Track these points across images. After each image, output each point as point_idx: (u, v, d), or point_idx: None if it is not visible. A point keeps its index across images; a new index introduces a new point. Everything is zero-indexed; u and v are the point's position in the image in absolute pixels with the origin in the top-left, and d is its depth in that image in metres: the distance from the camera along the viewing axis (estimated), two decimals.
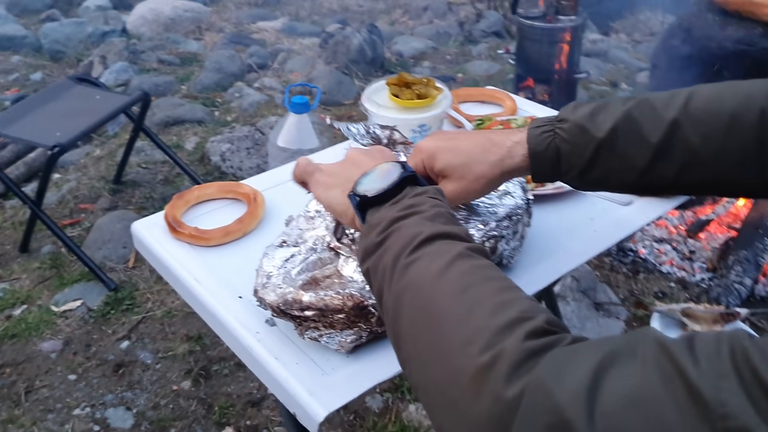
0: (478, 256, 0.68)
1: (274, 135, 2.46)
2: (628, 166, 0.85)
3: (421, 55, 4.93)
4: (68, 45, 4.98)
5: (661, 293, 2.52)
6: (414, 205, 0.74)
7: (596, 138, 0.85)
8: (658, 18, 5.30)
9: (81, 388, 2.21)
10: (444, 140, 0.94)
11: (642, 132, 0.84)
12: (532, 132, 0.89)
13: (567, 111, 0.89)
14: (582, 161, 0.86)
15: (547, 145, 0.88)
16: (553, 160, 0.88)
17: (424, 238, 0.69)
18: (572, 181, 0.90)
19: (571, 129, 0.86)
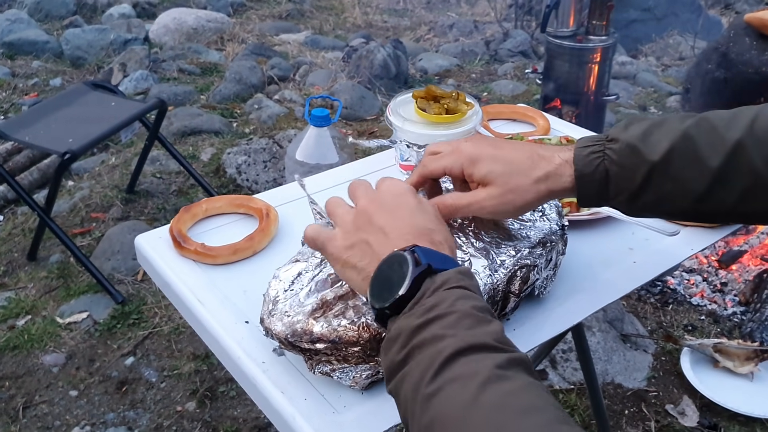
0: (512, 374, 0.59)
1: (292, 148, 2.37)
2: (684, 191, 0.78)
3: (445, 73, 4.86)
4: (89, 52, 4.96)
5: (690, 326, 2.40)
6: (435, 305, 0.65)
7: (649, 160, 0.77)
8: (688, 43, 5.20)
9: (82, 405, 2.13)
10: (488, 146, 0.86)
11: (700, 154, 0.76)
12: (579, 152, 0.82)
13: (618, 129, 0.81)
14: (633, 185, 0.79)
15: (596, 167, 0.80)
16: (601, 183, 0.81)
17: (447, 358, 0.60)
18: (620, 205, 0.83)
19: (622, 150, 0.79)
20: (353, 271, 0.76)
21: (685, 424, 2.03)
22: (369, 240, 0.76)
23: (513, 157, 0.84)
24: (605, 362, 2.19)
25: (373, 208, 0.78)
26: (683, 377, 2.16)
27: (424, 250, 0.71)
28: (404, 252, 0.71)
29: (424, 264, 0.69)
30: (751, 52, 2.94)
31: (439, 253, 0.73)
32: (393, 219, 0.77)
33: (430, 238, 0.75)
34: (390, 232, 0.76)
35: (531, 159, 0.83)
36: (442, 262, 0.70)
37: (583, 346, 1.74)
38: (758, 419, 2.03)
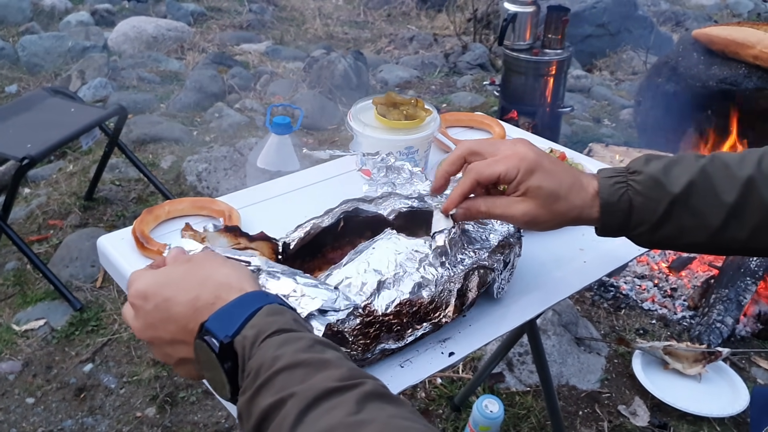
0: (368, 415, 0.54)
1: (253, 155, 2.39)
2: (701, 225, 0.82)
3: (406, 84, 4.92)
4: (47, 59, 4.90)
5: (642, 330, 2.48)
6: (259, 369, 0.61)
7: (671, 193, 0.81)
8: (641, 58, 5.35)
9: (39, 412, 2.10)
10: (546, 159, 0.85)
11: (717, 189, 0.81)
12: (604, 182, 0.84)
13: (639, 163, 0.85)
14: (654, 216, 0.82)
15: (620, 196, 0.83)
16: (624, 213, 0.84)
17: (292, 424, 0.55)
18: (641, 236, 0.85)
19: (646, 181, 0.83)
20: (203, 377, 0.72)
21: (636, 423, 2.10)
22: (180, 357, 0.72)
23: (563, 178, 0.84)
24: (560, 365, 2.25)
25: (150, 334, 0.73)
26: (635, 379, 2.23)
27: (213, 320, 0.66)
28: (196, 341, 0.67)
29: (222, 337, 0.64)
30: (699, 66, 3.06)
31: (227, 306, 0.67)
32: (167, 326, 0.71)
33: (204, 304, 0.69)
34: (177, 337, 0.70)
35: (575, 185, 0.85)
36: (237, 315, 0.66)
37: (539, 349, 1.79)
38: (705, 418, 2.11)
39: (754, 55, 2.83)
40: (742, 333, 2.46)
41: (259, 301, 0.67)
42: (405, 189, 1.09)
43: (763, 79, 2.87)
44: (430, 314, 0.94)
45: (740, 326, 2.47)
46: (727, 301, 2.46)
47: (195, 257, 0.76)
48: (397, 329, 0.92)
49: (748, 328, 2.48)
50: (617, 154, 2.97)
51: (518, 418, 2.09)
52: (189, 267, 0.74)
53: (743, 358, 2.38)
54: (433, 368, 0.94)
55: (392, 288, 0.91)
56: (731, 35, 2.92)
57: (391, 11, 6.97)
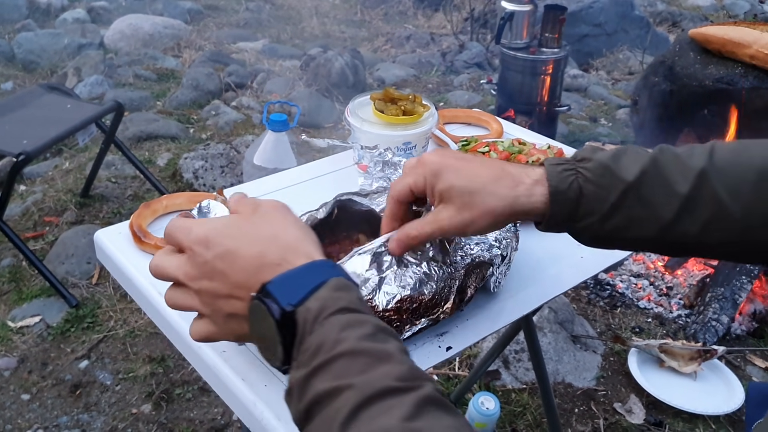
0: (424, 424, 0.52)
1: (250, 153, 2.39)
2: (653, 217, 0.77)
3: (402, 83, 4.92)
4: (42, 56, 4.89)
5: (638, 328, 2.48)
6: (319, 348, 0.58)
7: (624, 180, 0.76)
8: (637, 58, 5.36)
9: (34, 408, 2.10)
10: (453, 158, 0.80)
11: (669, 179, 0.76)
12: (551, 169, 0.78)
13: (586, 151, 0.80)
14: (605, 205, 0.77)
15: (570, 184, 0.77)
16: (573, 202, 0.78)
17: (345, 419, 0.53)
18: (587, 228, 0.79)
19: (596, 169, 0.77)
20: (249, 337, 0.69)
21: (632, 421, 2.10)
22: (231, 311, 0.67)
23: (479, 173, 0.78)
24: (556, 362, 2.25)
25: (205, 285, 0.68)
26: (630, 377, 2.23)
27: (277, 284, 0.63)
28: (254, 301, 0.63)
29: (284, 305, 0.61)
30: (695, 66, 3.06)
31: (294, 272, 0.64)
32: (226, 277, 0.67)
33: (270, 263, 0.65)
34: (234, 292, 0.66)
35: (498, 176, 0.78)
36: (303, 283, 0.63)
37: (535, 347, 1.79)
38: (701, 416, 2.11)
39: (751, 55, 2.84)
40: (737, 331, 2.47)
41: (327, 273, 0.64)
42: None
43: (759, 78, 2.87)
44: (430, 310, 0.94)
45: (735, 325, 2.48)
46: (723, 300, 2.46)
47: (263, 208, 0.72)
48: (396, 325, 0.92)
49: (744, 327, 2.49)
50: None
51: (514, 416, 2.09)
52: (256, 220, 0.70)
53: (738, 357, 2.39)
54: (430, 362, 0.94)
55: (393, 284, 0.91)
56: (727, 34, 2.92)
57: (388, 10, 6.97)
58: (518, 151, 1.40)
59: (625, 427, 2.08)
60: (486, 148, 1.42)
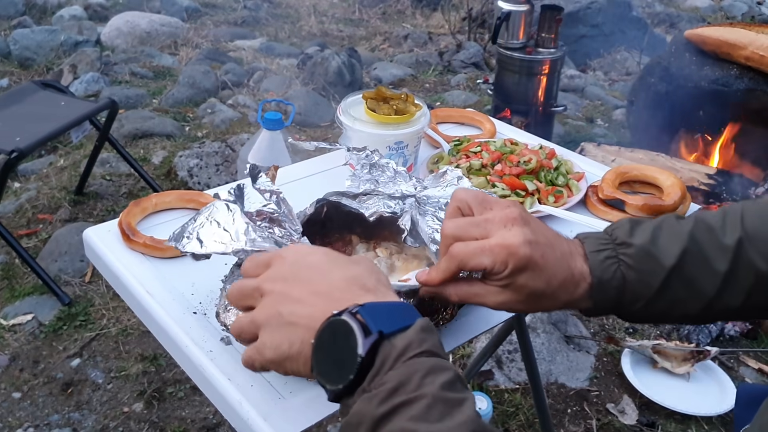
0: None
1: (244, 151, 2.38)
2: (695, 296, 0.77)
3: (399, 82, 4.91)
4: (39, 53, 4.87)
5: (631, 329, 2.48)
6: (400, 386, 0.57)
7: (666, 265, 0.76)
8: (634, 59, 5.36)
9: (25, 407, 2.09)
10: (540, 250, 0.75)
11: (708, 257, 0.76)
12: (593, 257, 0.77)
13: (623, 232, 0.78)
14: (650, 291, 0.77)
15: (613, 272, 0.76)
16: (618, 290, 0.77)
17: None
18: (633, 314, 0.79)
19: (637, 255, 0.76)
20: (289, 362, 0.66)
21: (624, 422, 2.10)
22: (290, 320, 0.65)
23: (555, 274, 0.75)
24: (549, 363, 2.25)
25: (274, 287, 0.68)
26: (623, 377, 2.23)
27: (370, 309, 0.62)
28: (344, 316, 0.61)
29: (374, 333, 0.59)
30: (691, 67, 3.07)
31: (388, 305, 0.64)
32: (308, 284, 0.67)
33: (362, 285, 0.66)
34: (311, 299, 0.66)
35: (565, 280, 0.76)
36: (395, 318, 0.62)
37: (527, 347, 1.79)
38: (693, 417, 2.11)
39: (746, 56, 2.84)
40: (730, 332, 2.47)
41: (415, 314, 0.64)
42: (388, 187, 1.09)
43: (754, 80, 2.88)
44: (430, 316, 0.94)
45: (729, 326, 2.47)
46: None
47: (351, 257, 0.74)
48: None
49: (737, 328, 2.48)
50: (609, 153, 2.97)
51: (507, 416, 2.09)
52: (353, 257, 0.74)
53: (732, 358, 2.39)
54: None
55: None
56: (723, 36, 2.93)
57: (386, 9, 6.96)
58: (510, 151, 1.40)
59: (618, 428, 2.08)
60: (478, 148, 1.42)
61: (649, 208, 1.26)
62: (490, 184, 1.30)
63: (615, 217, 1.27)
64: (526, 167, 1.32)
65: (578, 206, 1.31)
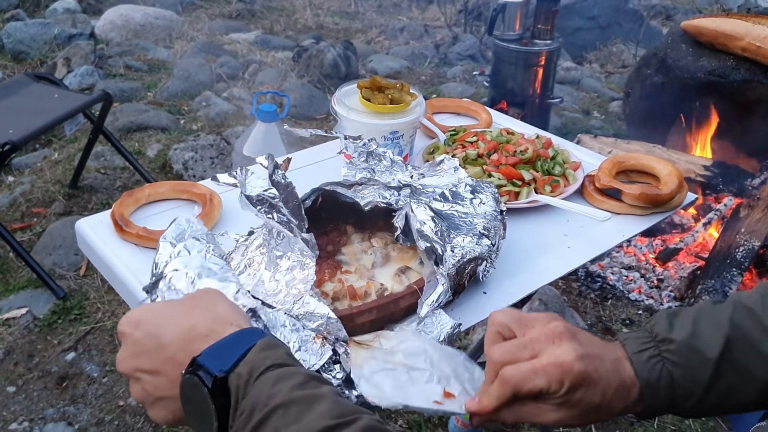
0: None
1: (239, 143, 2.36)
2: (749, 382, 0.76)
3: (395, 75, 4.90)
4: (32, 46, 4.84)
5: (628, 320, 2.47)
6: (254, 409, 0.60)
7: (711, 358, 0.75)
8: (630, 51, 5.35)
9: (20, 401, 2.08)
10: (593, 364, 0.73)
11: (754, 341, 0.76)
12: (636, 358, 0.75)
13: (663, 328, 0.77)
14: (700, 387, 0.75)
15: (659, 372, 0.74)
16: (668, 389, 0.75)
17: None
18: (691, 410, 0.77)
19: (681, 351, 0.75)
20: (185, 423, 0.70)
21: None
22: (157, 395, 0.69)
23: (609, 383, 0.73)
24: None
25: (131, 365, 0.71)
26: None
27: (206, 355, 0.65)
28: (186, 375, 0.65)
29: (216, 372, 0.62)
30: (687, 58, 3.05)
31: (222, 342, 0.66)
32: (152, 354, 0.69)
33: (198, 335, 0.68)
34: (161, 369, 0.69)
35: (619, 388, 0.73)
36: (232, 351, 0.64)
37: None
38: None
39: (742, 47, 2.82)
40: None
41: (254, 337, 0.66)
42: (384, 177, 1.08)
43: (750, 71, 2.86)
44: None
45: None
46: (713, 292, 2.46)
47: (196, 292, 0.78)
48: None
49: None
50: (606, 145, 2.96)
51: None
52: (187, 299, 0.75)
53: None
54: None
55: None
56: (720, 27, 2.91)
57: (382, 2, 6.93)
58: (506, 141, 1.39)
59: (616, 420, 2.08)
60: (474, 137, 1.41)
61: (646, 197, 1.25)
62: (487, 174, 1.29)
63: (612, 207, 1.26)
64: (522, 157, 1.32)
65: (575, 195, 1.31)
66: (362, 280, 1.02)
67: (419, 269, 1.04)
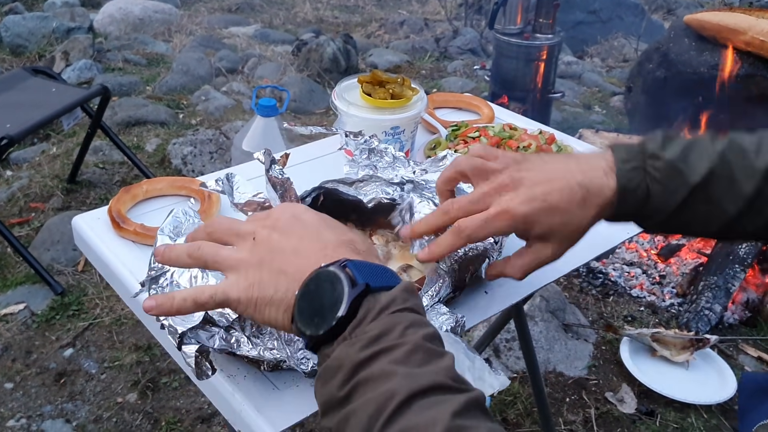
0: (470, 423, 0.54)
1: (239, 138, 2.34)
2: (717, 214, 0.78)
3: (396, 69, 4.87)
4: (30, 39, 4.81)
5: (630, 317, 2.46)
6: (382, 334, 0.59)
7: (691, 182, 0.76)
8: (632, 45, 5.32)
9: (17, 397, 2.06)
10: (537, 200, 0.78)
11: (735, 178, 0.76)
12: (621, 166, 0.78)
13: (655, 145, 0.79)
14: (671, 206, 0.77)
15: (638, 183, 0.77)
16: (641, 201, 0.78)
17: (400, 403, 0.54)
18: (654, 225, 0.81)
19: (665, 169, 0.77)
20: (270, 307, 0.66)
21: (623, 410, 2.08)
22: (281, 267, 0.67)
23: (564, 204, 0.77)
24: (547, 351, 2.23)
25: (271, 234, 0.69)
26: (622, 366, 2.21)
27: (357, 264, 0.64)
28: (333, 267, 0.63)
29: (361, 283, 0.62)
30: (690, 52, 3.03)
31: (374, 265, 0.66)
32: (302, 238, 0.69)
33: (354, 248, 0.69)
34: (304, 252, 0.67)
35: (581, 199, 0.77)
36: (380, 277, 0.64)
37: (525, 336, 1.77)
38: (692, 405, 2.10)
39: (746, 41, 2.80)
40: (730, 320, 2.45)
41: (399, 279, 0.66)
42: (387, 173, 1.06)
43: (754, 65, 2.84)
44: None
45: (728, 313, 2.46)
46: (716, 289, 2.44)
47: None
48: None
49: (736, 316, 2.47)
50: (607, 140, 2.94)
51: (505, 404, 2.07)
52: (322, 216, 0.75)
53: (731, 346, 2.37)
54: None
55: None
56: (723, 21, 2.89)
57: None
58: (509, 136, 1.37)
59: (617, 417, 2.06)
60: (476, 133, 1.39)
61: None
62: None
63: None
64: (526, 153, 1.29)
65: None
66: None
67: (421, 267, 1.02)
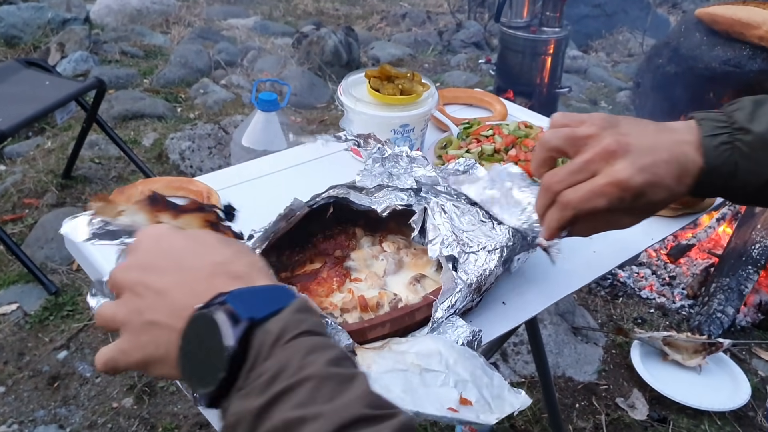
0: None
1: (238, 134, 2.26)
2: None
3: (398, 62, 4.79)
4: (25, 30, 4.72)
5: (640, 319, 2.39)
6: (279, 373, 0.50)
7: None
8: (637, 39, 5.25)
9: (9, 402, 2.00)
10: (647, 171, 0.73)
11: None
12: (707, 142, 0.73)
13: (743, 117, 0.74)
14: (760, 180, 0.74)
15: (726, 159, 0.73)
16: (728, 176, 0.74)
17: None
18: (741, 197, 0.78)
19: (755, 143, 0.73)
20: (162, 365, 0.58)
21: (634, 417, 2.02)
22: (151, 319, 0.58)
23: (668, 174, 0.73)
24: (556, 355, 2.16)
25: (135, 276, 0.60)
26: (633, 370, 2.15)
27: (236, 295, 0.54)
28: (208, 309, 0.54)
29: (244, 319, 0.52)
30: (701, 47, 2.96)
31: (257, 288, 0.57)
32: (165, 273, 0.60)
33: (229, 273, 0.59)
34: (171, 291, 0.58)
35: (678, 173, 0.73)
36: (267, 302, 0.55)
37: (538, 342, 1.70)
38: (706, 412, 2.03)
39: (759, 36, 2.73)
40: (742, 323, 2.39)
41: (290, 296, 0.56)
42: (402, 181, 0.99)
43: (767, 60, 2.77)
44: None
45: (740, 316, 2.40)
46: (728, 291, 2.38)
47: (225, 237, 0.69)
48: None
49: (749, 318, 2.41)
50: None
51: None
52: (216, 235, 0.67)
53: (744, 350, 2.31)
54: None
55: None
56: (736, 15, 2.81)
57: None
58: (525, 135, 1.30)
59: (628, 423, 2.00)
60: (490, 131, 1.32)
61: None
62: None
63: None
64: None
65: None
66: (373, 289, 0.93)
67: (435, 277, 0.95)
